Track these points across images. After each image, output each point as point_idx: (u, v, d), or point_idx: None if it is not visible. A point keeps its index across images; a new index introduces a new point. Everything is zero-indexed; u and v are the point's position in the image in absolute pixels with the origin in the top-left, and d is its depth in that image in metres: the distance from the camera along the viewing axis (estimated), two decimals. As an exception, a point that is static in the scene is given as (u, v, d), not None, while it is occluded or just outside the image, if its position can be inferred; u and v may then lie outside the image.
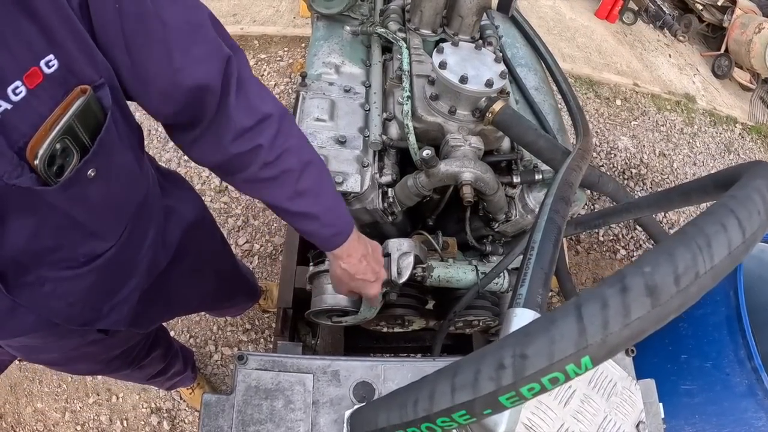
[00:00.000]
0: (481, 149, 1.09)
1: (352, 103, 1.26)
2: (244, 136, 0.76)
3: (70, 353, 1.00)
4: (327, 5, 1.39)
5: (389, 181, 1.17)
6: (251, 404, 0.75)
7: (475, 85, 1.03)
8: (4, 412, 1.90)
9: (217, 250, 1.36)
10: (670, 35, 4.69)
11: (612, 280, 0.35)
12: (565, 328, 0.35)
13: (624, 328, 0.34)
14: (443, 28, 1.40)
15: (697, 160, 3.55)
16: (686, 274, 0.33)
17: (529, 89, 1.39)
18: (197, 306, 1.47)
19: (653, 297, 0.33)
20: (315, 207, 0.85)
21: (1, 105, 0.51)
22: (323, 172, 0.87)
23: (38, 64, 0.53)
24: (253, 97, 0.77)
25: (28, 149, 0.55)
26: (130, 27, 0.60)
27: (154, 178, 0.97)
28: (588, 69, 3.92)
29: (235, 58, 0.73)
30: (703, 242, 0.34)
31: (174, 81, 0.67)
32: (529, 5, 4.43)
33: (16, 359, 1.03)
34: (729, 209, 0.36)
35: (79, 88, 0.58)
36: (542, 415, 0.84)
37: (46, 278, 0.74)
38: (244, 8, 3.73)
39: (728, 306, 1.47)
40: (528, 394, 0.37)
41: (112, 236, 0.82)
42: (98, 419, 1.91)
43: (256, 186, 0.83)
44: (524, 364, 0.36)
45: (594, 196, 3.05)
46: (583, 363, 0.34)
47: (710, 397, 1.51)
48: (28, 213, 0.63)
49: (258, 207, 2.64)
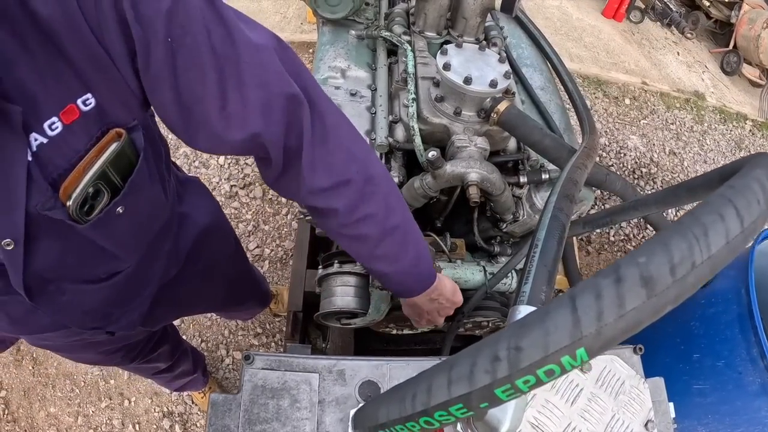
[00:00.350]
0: (487, 149, 1.09)
1: (359, 106, 1.27)
2: (321, 194, 0.71)
3: (74, 343, 1.02)
4: (332, 10, 1.40)
5: (396, 183, 1.17)
6: (258, 403, 0.75)
7: (479, 85, 1.03)
8: (18, 417, 1.92)
9: (230, 254, 1.36)
10: (677, 33, 4.66)
11: (606, 271, 0.35)
12: (559, 319, 0.35)
13: (619, 319, 0.33)
14: (448, 30, 1.40)
15: (708, 157, 3.51)
16: (682, 264, 0.33)
17: (535, 89, 1.39)
18: (206, 307, 1.48)
19: (648, 287, 0.33)
20: (389, 269, 0.83)
21: (38, 139, 0.53)
22: (408, 236, 0.82)
23: (75, 102, 0.55)
24: (336, 154, 0.70)
25: (62, 190, 0.57)
26: (182, 61, 0.56)
27: (174, 192, 0.97)
28: (596, 69, 3.90)
29: (308, 106, 0.66)
30: (700, 232, 0.34)
31: (225, 125, 0.62)
32: (536, 6, 4.42)
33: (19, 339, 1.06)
34: (727, 199, 0.35)
35: (115, 131, 0.60)
36: (549, 414, 0.83)
37: (66, 290, 0.77)
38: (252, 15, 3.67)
39: (740, 304, 1.45)
40: (524, 386, 0.36)
41: (134, 257, 0.84)
42: (110, 423, 1.93)
43: (334, 237, 0.83)
44: (519, 357, 0.35)
45: (605, 196, 3.03)
46: (578, 355, 0.34)
47: (723, 396, 1.49)
48: (56, 239, 0.65)
49: (268, 212, 2.66)
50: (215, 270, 1.25)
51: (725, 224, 0.34)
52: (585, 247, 2.87)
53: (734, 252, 0.35)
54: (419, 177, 1.10)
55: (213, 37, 0.57)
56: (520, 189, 1.21)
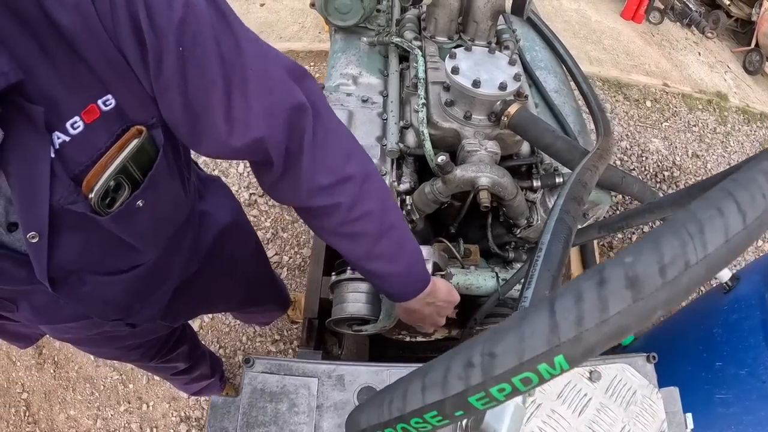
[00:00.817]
0: (498, 153, 1.08)
1: (370, 112, 1.27)
2: (321, 193, 0.74)
3: (93, 336, 1.04)
4: (343, 18, 1.41)
5: (407, 188, 1.16)
6: (256, 406, 0.75)
7: (488, 88, 1.02)
8: (39, 419, 1.97)
9: (251, 255, 1.37)
10: (698, 33, 4.56)
11: (590, 273, 0.32)
12: (536, 324, 0.32)
13: (601, 324, 0.30)
14: (459, 34, 1.40)
15: (732, 159, 3.41)
16: (674, 263, 0.30)
17: (550, 92, 1.37)
18: (225, 306, 1.50)
19: (634, 289, 0.30)
20: (386, 269, 0.84)
21: (60, 137, 0.57)
22: (404, 237, 0.84)
23: (96, 102, 0.58)
24: (335, 156, 0.73)
25: (84, 183, 0.61)
26: (192, 70, 0.59)
27: (195, 190, 1.00)
28: (616, 71, 3.84)
29: (310, 112, 0.69)
30: (695, 229, 0.31)
31: (229, 131, 0.65)
32: (554, 9, 4.38)
33: (45, 335, 1.10)
34: (727, 192, 0.32)
35: (136, 128, 0.63)
36: (554, 425, 0.80)
37: (87, 280, 0.80)
38: (270, 26, 3.82)
39: (763, 309, 1.40)
40: (499, 395, 0.34)
41: (154, 251, 0.86)
42: (129, 427, 1.96)
43: (330, 238, 0.83)
44: (493, 363, 0.33)
45: (627, 201, 2.97)
46: (557, 363, 0.31)
47: (747, 406, 1.43)
48: (79, 232, 0.68)
49: (287, 220, 2.68)
50: (236, 269, 1.27)
51: (724, 220, 0.31)
52: (607, 253, 2.81)
53: (735, 251, 0.31)
54: (430, 182, 1.09)
55: (222, 47, 0.60)
56: (534, 193, 1.19)
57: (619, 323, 0.31)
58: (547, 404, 0.82)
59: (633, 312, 0.30)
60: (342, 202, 0.74)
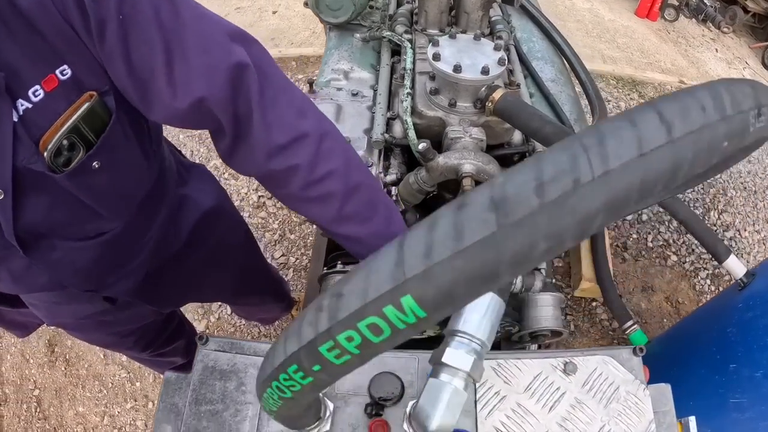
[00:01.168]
0: (483, 140, 1.06)
1: (359, 106, 1.27)
2: (280, 153, 0.74)
3: (83, 321, 1.07)
4: (334, 14, 1.42)
5: (394, 179, 1.16)
6: (206, 384, 0.74)
7: (470, 73, 1.01)
8: (49, 415, 2.01)
9: (239, 242, 1.38)
10: (714, 29, 4.44)
11: (456, 199, 0.27)
12: (383, 259, 0.27)
13: (456, 255, 0.24)
14: (451, 26, 1.39)
15: (752, 157, 3.30)
16: (556, 180, 0.23)
17: (546, 81, 1.36)
18: (217, 294, 1.50)
19: (499, 212, 0.23)
20: (360, 232, 0.82)
21: (24, 104, 0.62)
22: (375, 196, 0.83)
23: (54, 72, 0.63)
24: (287, 113, 0.74)
25: (41, 143, 0.66)
26: (133, 36, 0.63)
27: (172, 170, 1.04)
28: (630, 69, 3.77)
29: (254, 72, 0.71)
30: (592, 141, 0.24)
31: (172, 93, 0.68)
32: (567, 9, 4.34)
33: (43, 324, 1.15)
34: (650, 106, 0.25)
35: (87, 93, 0.67)
36: (520, 420, 0.74)
37: (57, 245, 0.83)
38: (282, 32, 3.87)
39: (780, 307, 1.34)
40: (349, 345, 0.29)
41: (119, 218, 0.89)
42: (134, 424, 1.98)
43: (298, 204, 0.83)
44: (338, 305, 0.28)
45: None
46: (406, 306, 0.26)
47: (762, 411, 1.35)
48: (43, 192, 0.72)
49: (294, 221, 2.70)
50: (225, 257, 1.28)
51: (637, 131, 0.24)
52: (621, 254, 2.74)
53: (660, 175, 0.24)
54: (414, 172, 1.09)
55: (161, 13, 0.64)
56: (525, 183, 1.17)
57: (481, 256, 0.24)
58: (512, 397, 0.76)
59: (498, 241, 0.24)
60: (301, 162, 0.74)
